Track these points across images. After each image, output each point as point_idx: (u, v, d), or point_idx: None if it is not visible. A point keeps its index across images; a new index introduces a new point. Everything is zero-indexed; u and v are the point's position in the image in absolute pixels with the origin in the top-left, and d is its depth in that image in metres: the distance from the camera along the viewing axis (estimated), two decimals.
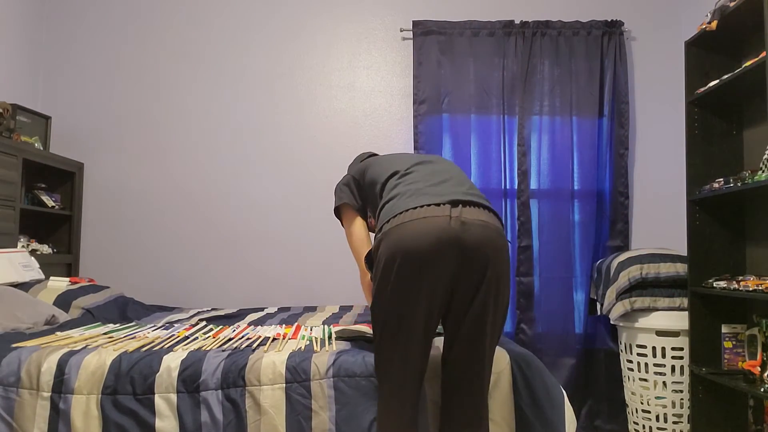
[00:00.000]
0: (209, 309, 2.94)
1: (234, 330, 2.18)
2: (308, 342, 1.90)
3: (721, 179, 2.37)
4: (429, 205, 1.39)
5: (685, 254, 2.59)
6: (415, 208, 1.39)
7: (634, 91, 3.34)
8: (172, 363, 1.64)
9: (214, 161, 3.34)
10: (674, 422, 2.54)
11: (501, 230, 1.44)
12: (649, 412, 2.59)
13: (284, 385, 1.61)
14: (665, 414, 2.55)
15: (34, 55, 3.33)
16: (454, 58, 3.28)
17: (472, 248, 1.35)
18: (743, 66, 2.22)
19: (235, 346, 1.82)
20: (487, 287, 1.38)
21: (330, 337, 1.96)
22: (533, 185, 3.24)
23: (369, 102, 3.38)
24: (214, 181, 3.33)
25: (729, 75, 2.30)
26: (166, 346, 1.82)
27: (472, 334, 1.42)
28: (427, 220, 1.35)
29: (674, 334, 2.54)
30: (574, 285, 3.18)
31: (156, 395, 1.60)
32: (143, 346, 1.80)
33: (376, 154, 2.04)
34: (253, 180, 3.33)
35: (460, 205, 1.39)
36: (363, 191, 1.82)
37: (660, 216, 3.26)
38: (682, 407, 2.54)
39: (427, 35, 3.30)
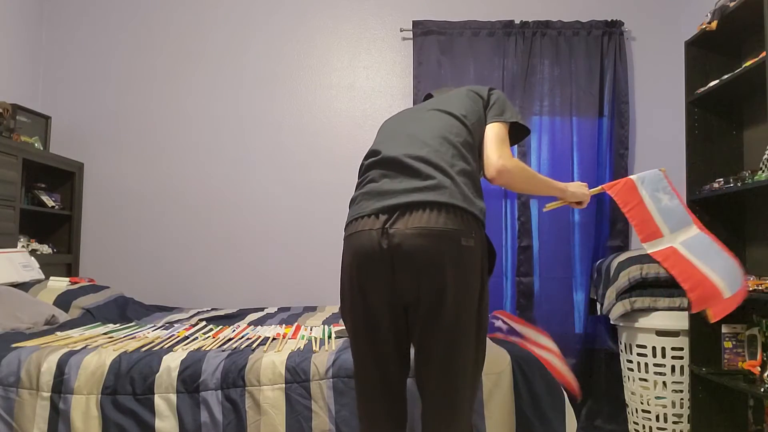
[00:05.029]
0: (209, 309, 2.94)
1: (234, 330, 2.18)
2: (307, 341, 1.90)
3: (721, 179, 2.37)
4: (369, 216, 1.36)
5: None
6: (357, 219, 1.38)
7: (634, 91, 3.34)
8: (171, 363, 1.65)
9: (213, 161, 3.34)
10: (674, 422, 2.54)
11: (448, 232, 1.30)
12: (649, 412, 2.59)
13: (284, 385, 1.61)
14: (665, 414, 2.55)
15: (34, 55, 3.33)
16: (454, 58, 3.28)
17: (402, 259, 1.30)
18: (743, 66, 2.21)
19: (234, 346, 1.82)
20: (428, 296, 1.31)
21: (330, 337, 1.96)
22: None
23: (369, 102, 3.38)
24: (214, 181, 3.33)
25: (729, 75, 2.30)
26: (166, 346, 1.82)
27: (422, 343, 1.36)
28: (361, 234, 1.35)
29: (674, 334, 2.54)
30: (574, 285, 3.18)
31: (156, 395, 1.60)
32: (143, 346, 1.80)
33: (431, 95, 1.78)
34: (253, 180, 3.33)
35: (397, 213, 1.32)
36: None
37: None
38: (682, 407, 2.53)
39: (427, 35, 3.30)
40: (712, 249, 1.84)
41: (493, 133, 1.51)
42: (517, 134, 1.65)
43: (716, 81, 2.40)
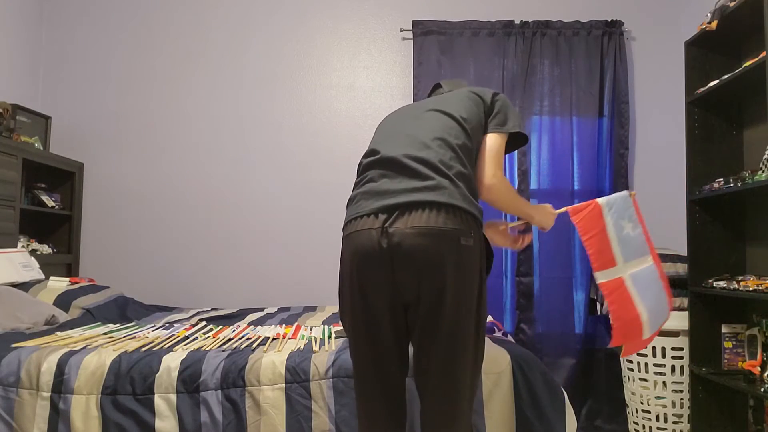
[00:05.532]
0: (209, 309, 2.94)
1: (234, 330, 2.18)
2: (307, 341, 1.90)
3: (721, 179, 2.37)
4: (368, 216, 1.35)
5: (685, 254, 2.59)
6: (356, 218, 1.38)
7: (634, 91, 3.34)
8: (171, 363, 1.65)
9: (213, 161, 3.34)
10: (674, 422, 2.54)
11: (448, 232, 1.30)
12: (649, 412, 2.59)
13: (284, 385, 1.61)
14: (665, 414, 2.55)
15: (34, 55, 3.33)
16: (454, 58, 3.28)
17: (402, 258, 1.30)
18: (743, 66, 2.21)
19: (234, 346, 1.82)
20: (428, 296, 1.30)
21: (330, 337, 1.96)
22: (533, 185, 3.24)
23: (369, 102, 3.38)
24: (214, 181, 3.33)
25: (729, 75, 2.30)
26: (166, 346, 1.83)
27: (422, 343, 1.35)
28: (361, 233, 1.34)
29: (674, 334, 2.54)
30: (574, 285, 3.18)
31: (156, 395, 1.60)
32: (143, 346, 1.80)
33: (439, 85, 1.76)
34: (253, 180, 3.33)
35: (397, 212, 1.32)
36: None
37: (660, 216, 3.24)
38: (682, 407, 2.54)
39: (427, 35, 3.30)
40: (655, 286, 1.86)
41: (491, 146, 1.51)
42: (516, 141, 1.64)
43: (716, 81, 2.40)
